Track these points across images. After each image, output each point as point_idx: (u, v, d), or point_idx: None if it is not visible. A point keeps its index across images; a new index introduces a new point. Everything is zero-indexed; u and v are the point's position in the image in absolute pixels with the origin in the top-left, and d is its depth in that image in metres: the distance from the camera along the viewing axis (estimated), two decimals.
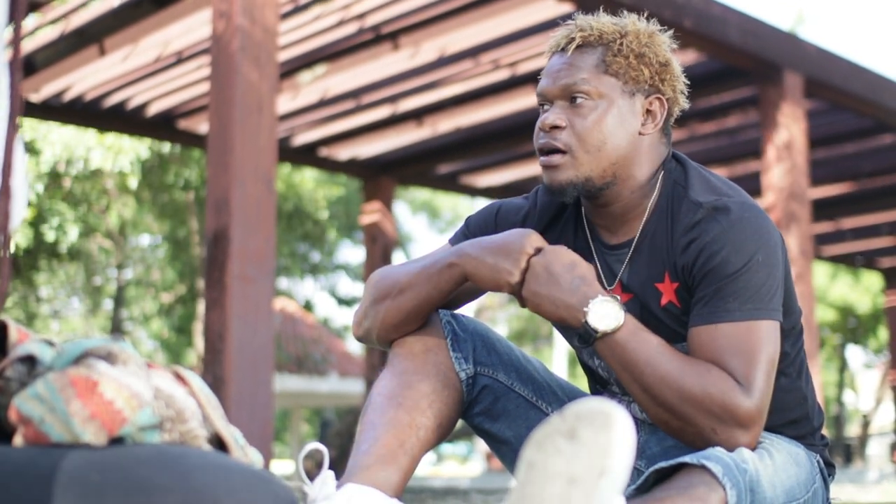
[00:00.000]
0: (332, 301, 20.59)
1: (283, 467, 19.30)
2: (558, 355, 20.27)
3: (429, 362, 1.72)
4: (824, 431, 1.87)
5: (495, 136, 8.53)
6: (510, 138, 8.47)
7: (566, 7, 5.87)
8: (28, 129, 10.22)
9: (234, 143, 4.61)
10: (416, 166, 9.40)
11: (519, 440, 1.77)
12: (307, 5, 6.24)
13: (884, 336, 20.37)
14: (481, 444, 26.13)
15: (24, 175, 1.03)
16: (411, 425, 1.64)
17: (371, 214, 9.18)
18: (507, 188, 9.78)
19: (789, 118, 6.75)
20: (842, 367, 24.61)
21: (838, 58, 7.32)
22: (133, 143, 10.38)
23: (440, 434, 1.69)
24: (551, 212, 1.85)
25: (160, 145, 11.23)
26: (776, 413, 1.69)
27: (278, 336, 15.63)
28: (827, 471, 1.81)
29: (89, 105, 7.78)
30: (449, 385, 1.72)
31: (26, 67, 6.82)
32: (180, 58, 6.95)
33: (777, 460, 1.63)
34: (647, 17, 1.80)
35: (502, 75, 7.41)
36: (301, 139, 8.74)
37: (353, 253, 24.68)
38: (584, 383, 1.98)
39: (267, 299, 4.63)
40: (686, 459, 1.49)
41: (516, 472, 1.21)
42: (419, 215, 26.03)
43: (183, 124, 8.27)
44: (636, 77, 1.72)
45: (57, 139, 10.18)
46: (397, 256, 16.53)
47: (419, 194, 23.84)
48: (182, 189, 12.59)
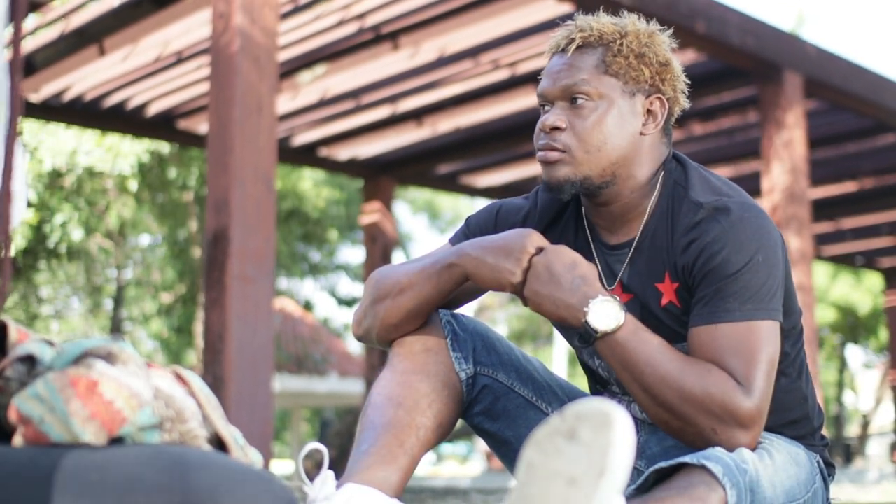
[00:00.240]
0: (332, 301, 20.58)
1: (283, 467, 19.29)
2: (558, 355, 20.26)
3: (429, 362, 1.72)
4: (824, 431, 1.87)
5: (495, 136, 8.53)
6: (510, 138, 8.46)
7: (566, 7, 5.87)
8: (27, 135, 10.19)
9: (234, 143, 4.61)
10: (416, 166, 9.40)
11: (519, 440, 1.76)
12: (307, 5, 6.23)
13: (884, 336, 20.35)
14: (481, 444, 26.13)
15: (24, 176, 1.03)
16: (411, 425, 1.64)
17: (371, 214, 9.18)
18: (507, 188, 9.78)
19: (789, 118, 6.75)
20: (841, 367, 24.61)
21: (838, 58, 7.32)
22: (132, 146, 10.37)
23: (440, 434, 1.69)
24: (552, 212, 1.85)
25: (158, 147, 11.22)
26: (776, 413, 1.69)
27: (278, 336, 15.61)
28: (827, 471, 1.81)
29: (89, 105, 7.78)
30: (449, 385, 1.72)
31: (26, 67, 6.81)
32: (180, 58, 6.95)
33: (777, 460, 1.63)
34: (647, 17, 1.80)
35: (502, 75, 7.40)
36: (301, 139, 8.73)
37: (353, 253, 24.69)
38: (584, 383, 1.97)
39: (267, 299, 4.63)
40: (686, 459, 1.49)
41: (516, 472, 1.21)
42: (419, 215, 26.02)
43: (183, 124, 8.27)
44: (636, 77, 1.72)
45: (55, 145, 10.16)
46: (397, 256, 16.51)
47: (420, 195, 23.83)
48: (180, 189, 12.58)
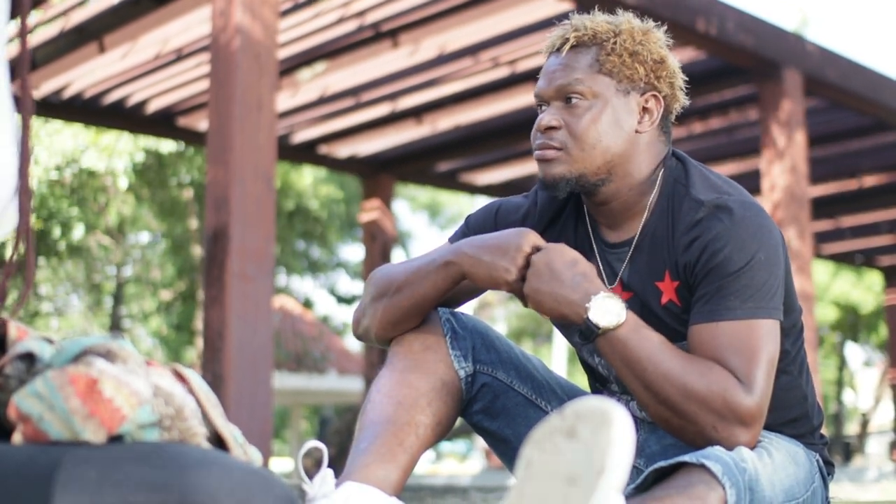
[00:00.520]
0: (332, 299, 20.58)
1: (283, 465, 19.31)
2: (558, 353, 20.28)
3: (428, 360, 1.72)
4: (823, 430, 1.87)
5: (495, 134, 8.53)
6: (509, 136, 8.46)
7: (565, 5, 5.86)
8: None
9: (234, 141, 4.61)
10: (416, 164, 9.40)
11: (518, 438, 1.76)
12: (307, 3, 6.23)
13: (884, 334, 20.35)
14: (480, 442, 26.12)
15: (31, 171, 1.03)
16: (410, 423, 1.64)
17: (370, 212, 9.18)
18: (507, 186, 9.78)
19: (789, 116, 6.75)
20: (841, 366, 24.61)
21: (838, 56, 7.32)
22: (127, 145, 10.36)
23: (439, 432, 1.69)
24: (551, 210, 1.85)
25: (156, 146, 11.21)
26: (776, 411, 1.69)
27: (277, 334, 15.61)
28: (826, 469, 1.81)
29: (88, 102, 7.78)
30: (448, 383, 1.72)
31: None
32: (180, 55, 6.95)
33: (776, 459, 1.63)
34: (645, 15, 1.80)
35: (502, 73, 7.40)
36: (301, 137, 8.73)
37: (353, 251, 24.69)
38: (584, 381, 1.97)
39: (266, 297, 4.63)
40: (685, 458, 1.49)
41: (515, 471, 1.21)
42: (419, 213, 26.01)
43: (182, 122, 8.27)
44: (630, 75, 1.72)
45: (52, 144, 10.16)
46: (396, 254, 16.52)
47: (421, 194, 23.82)
48: (178, 186, 12.57)
